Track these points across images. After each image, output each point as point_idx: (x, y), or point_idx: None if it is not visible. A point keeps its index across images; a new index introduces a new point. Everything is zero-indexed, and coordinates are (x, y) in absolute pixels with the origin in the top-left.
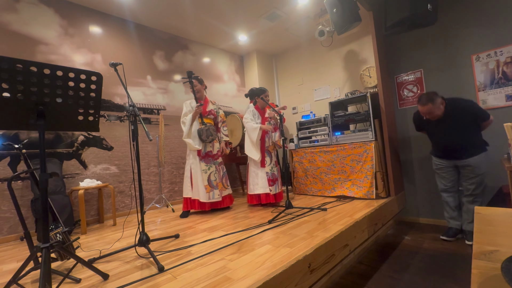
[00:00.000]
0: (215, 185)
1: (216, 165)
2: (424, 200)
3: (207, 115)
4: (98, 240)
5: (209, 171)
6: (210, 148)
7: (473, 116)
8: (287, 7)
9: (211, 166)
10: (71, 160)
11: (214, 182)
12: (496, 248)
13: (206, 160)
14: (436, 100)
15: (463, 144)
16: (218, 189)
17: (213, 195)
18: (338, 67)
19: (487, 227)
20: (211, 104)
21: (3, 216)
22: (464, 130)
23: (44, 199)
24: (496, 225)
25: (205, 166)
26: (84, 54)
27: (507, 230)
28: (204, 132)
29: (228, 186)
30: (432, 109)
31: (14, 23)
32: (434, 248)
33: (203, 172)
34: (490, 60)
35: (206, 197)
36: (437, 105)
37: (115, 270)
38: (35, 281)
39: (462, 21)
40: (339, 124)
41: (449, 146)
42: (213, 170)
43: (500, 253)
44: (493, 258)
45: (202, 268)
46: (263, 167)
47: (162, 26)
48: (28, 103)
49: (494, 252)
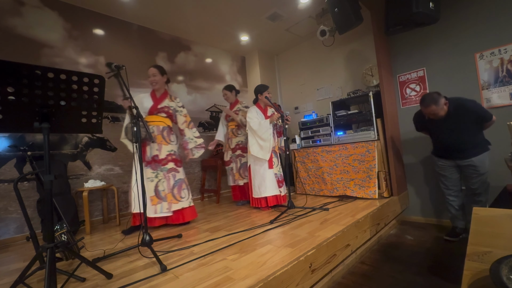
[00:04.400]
0: (164, 196)
1: (165, 172)
2: (427, 200)
3: (156, 112)
4: (102, 240)
5: (156, 179)
6: (156, 152)
7: (475, 116)
8: (289, 7)
9: (159, 173)
10: (76, 161)
11: (163, 192)
12: (490, 249)
13: (153, 166)
14: (440, 101)
15: (465, 144)
16: (167, 201)
17: (161, 208)
18: (340, 67)
19: (484, 228)
20: (168, 101)
21: (10, 216)
22: (466, 130)
23: (49, 201)
24: (492, 226)
25: (151, 174)
26: (88, 57)
27: (503, 231)
28: (128, 130)
29: (181, 198)
30: (435, 110)
31: (19, 26)
32: (437, 248)
33: (148, 180)
34: (494, 58)
35: (152, 211)
36: (440, 106)
37: (118, 269)
38: (40, 280)
39: (465, 19)
40: (342, 123)
41: (451, 146)
42: (161, 178)
43: (493, 255)
44: (486, 260)
45: (204, 268)
46: (271, 168)
47: (164, 27)
48: (32, 106)
49: (487, 253)
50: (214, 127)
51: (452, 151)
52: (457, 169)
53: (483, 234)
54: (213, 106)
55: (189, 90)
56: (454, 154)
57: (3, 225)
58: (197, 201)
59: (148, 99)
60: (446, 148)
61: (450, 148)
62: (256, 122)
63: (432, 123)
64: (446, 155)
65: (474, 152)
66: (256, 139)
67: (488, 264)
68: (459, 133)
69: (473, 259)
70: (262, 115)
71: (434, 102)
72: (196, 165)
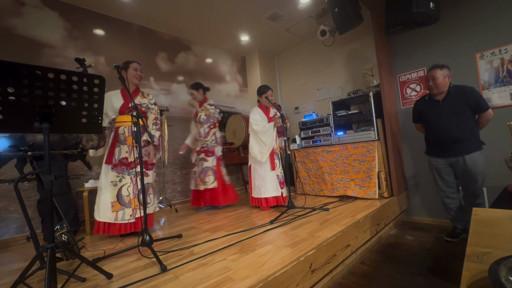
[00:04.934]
0: (127, 202)
1: (132, 175)
2: (427, 200)
3: (128, 111)
4: (102, 240)
5: (120, 184)
6: (125, 154)
7: (473, 102)
8: (289, 7)
9: (124, 177)
10: (76, 161)
11: (127, 198)
12: (490, 250)
13: (118, 170)
14: (444, 69)
15: (459, 134)
16: (131, 208)
17: (123, 215)
18: (340, 67)
19: (483, 228)
20: (140, 98)
21: (10, 216)
22: (462, 117)
23: (49, 201)
24: (492, 226)
25: (115, 177)
26: (88, 57)
27: (503, 232)
28: None
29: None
30: (437, 75)
31: (19, 26)
32: (438, 248)
33: (111, 184)
34: (495, 58)
35: (112, 217)
36: (443, 74)
37: (119, 269)
38: (41, 280)
39: (465, 19)
40: (342, 123)
41: (445, 135)
42: (127, 182)
43: (492, 255)
44: (485, 260)
45: (204, 268)
46: (274, 170)
47: (165, 27)
48: (33, 106)
49: (487, 254)
50: None
51: (445, 142)
52: (452, 169)
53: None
54: None
55: None
56: (447, 146)
57: (3, 225)
58: None
59: (118, 97)
60: (440, 139)
61: (443, 138)
62: (260, 125)
63: (429, 108)
64: (440, 150)
65: (467, 148)
66: (258, 141)
67: (487, 265)
68: (454, 119)
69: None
70: (265, 116)
71: (439, 66)
72: None
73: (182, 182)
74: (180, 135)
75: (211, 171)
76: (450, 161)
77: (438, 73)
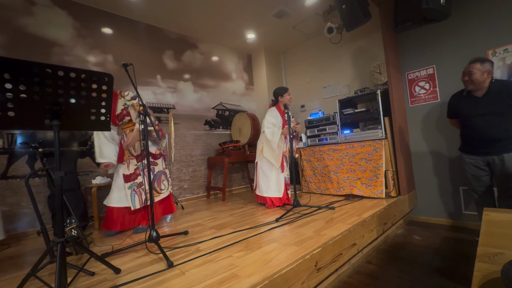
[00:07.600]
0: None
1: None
2: (435, 200)
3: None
4: (111, 236)
5: None
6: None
7: None
8: (295, 4)
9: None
10: (85, 158)
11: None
12: (501, 250)
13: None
14: (486, 64)
15: (498, 132)
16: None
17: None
18: (347, 64)
19: (495, 229)
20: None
21: (22, 211)
22: (502, 115)
23: (59, 196)
24: (504, 227)
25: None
26: (96, 55)
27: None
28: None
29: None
30: (475, 69)
31: (30, 26)
32: (446, 249)
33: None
34: (508, 55)
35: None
36: (483, 69)
37: (126, 264)
38: (51, 273)
39: (477, 15)
40: (348, 122)
41: (482, 133)
42: None
43: (505, 256)
44: (497, 261)
45: (210, 264)
46: (283, 172)
47: (171, 25)
48: (43, 103)
49: (498, 254)
50: (220, 125)
51: (482, 140)
52: (488, 169)
53: (494, 235)
54: (219, 104)
55: (195, 88)
56: (484, 145)
57: (16, 219)
58: (203, 198)
59: None
60: (476, 136)
61: (480, 136)
62: (270, 129)
63: (467, 105)
64: (475, 148)
65: (507, 147)
66: (268, 145)
67: (500, 265)
68: (494, 118)
69: (483, 260)
70: (281, 118)
71: (480, 61)
72: (202, 163)
73: (188, 179)
74: (186, 132)
75: None
76: (487, 159)
77: (476, 68)
